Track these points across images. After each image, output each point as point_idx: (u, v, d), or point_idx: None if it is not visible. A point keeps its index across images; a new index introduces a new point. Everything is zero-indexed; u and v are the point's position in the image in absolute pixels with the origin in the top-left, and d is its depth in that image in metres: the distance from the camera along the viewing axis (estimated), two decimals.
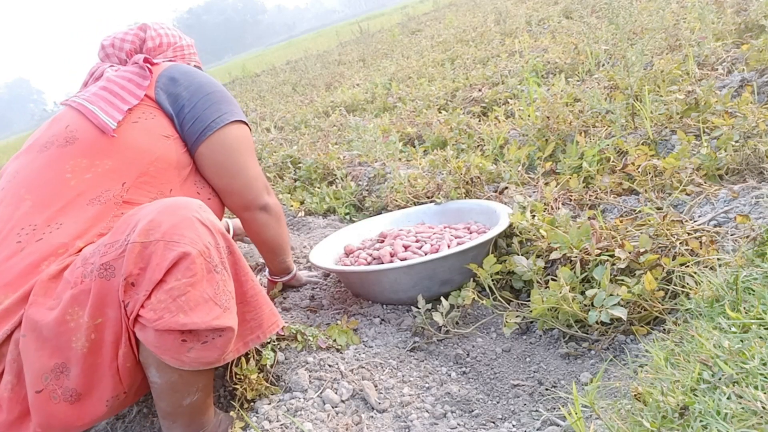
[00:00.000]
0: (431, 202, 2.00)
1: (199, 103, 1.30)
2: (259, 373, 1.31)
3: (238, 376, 1.30)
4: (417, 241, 1.69)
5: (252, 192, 1.39)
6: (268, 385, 1.31)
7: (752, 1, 2.77)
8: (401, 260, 1.57)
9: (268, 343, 1.37)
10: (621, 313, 1.15)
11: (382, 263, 1.58)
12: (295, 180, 2.92)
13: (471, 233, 1.71)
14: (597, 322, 1.20)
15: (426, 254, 1.57)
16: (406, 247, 1.64)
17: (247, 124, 1.39)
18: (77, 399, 1.02)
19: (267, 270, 1.71)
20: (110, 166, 1.18)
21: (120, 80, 1.29)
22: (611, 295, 1.19)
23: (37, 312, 1.00)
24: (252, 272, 1.13)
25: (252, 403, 1.29)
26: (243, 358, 1.30)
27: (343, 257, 1.76)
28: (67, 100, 1.30)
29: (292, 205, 2.60)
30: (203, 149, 1.30)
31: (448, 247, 1.58)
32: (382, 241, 1.76)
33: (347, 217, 2.44)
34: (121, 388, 1.06)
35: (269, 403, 1.26)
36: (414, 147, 2.70)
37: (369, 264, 1.64)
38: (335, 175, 2.70)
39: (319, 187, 2.70)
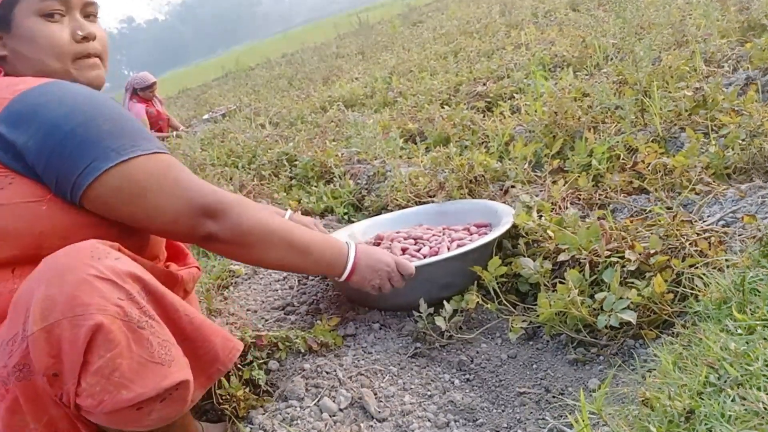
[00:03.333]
0: (431, 202, 2.02)
1: (54, 156, 0.97)
2: (245, 387, 1.33)
3: (223, 397, 1.31)
4: (415, 244, 1.69)
5: (180, 231, 1.08)
6: (258, 397, 1.33)
7: (754, 0, 2.81)
8: None
9: (253, 360, 1.37)
10: (631, 317, 1.17)
11: None
12: (291, 178, 2.94)
13: (471, 235, 1.70)
14: (606, 327, 1.21)
15: (425, 257, 1.57)
16: (404, 250, 1.64)
17: (139, 155, 1.02)
18: None
19: None
20: None
21: None
22: (621, 298, 1.20)
23: None
24: (183, 303, 0.99)
25: (247, 413, 1.31)
26: (224, 379, 1.30)
27: None
28: None
29: (289, 205, 2.61)
30: (88, 207, 1.01)
31: (448, 249, 1.59)
32: (378, 244, 1.76)
33: (346, 217, 2.46)
34: None
35: (264, 413, 1.27)
36: (415, 144, 2.71)
37: None
38: (333, 173, 2.71)
39: (316, 186, 2.72)
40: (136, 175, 1.01)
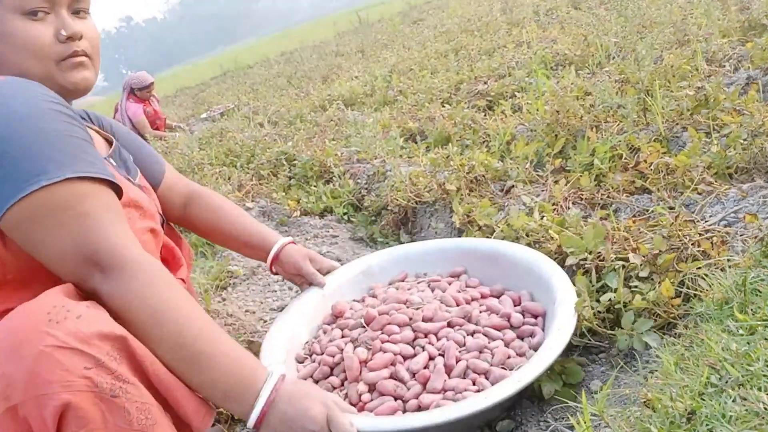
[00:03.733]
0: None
1: None
2: None
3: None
4: (414, 340, 1.25)
5: (68, 277, 0.89)
6: None
7: (754, 0, 2.82)
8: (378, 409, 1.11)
9: None
10: (655, 341, 1.15)
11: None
12: (290, 178, 2.94)
13: (511, 328, 1.26)
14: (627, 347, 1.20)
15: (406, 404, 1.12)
16: (391, 369, 1.19)
17: (48, 181, 0.86)
18: None
19: None
20: None
21: None
22: (640, 316, 1.19)
23: None
24: (155, 361, 0.88)
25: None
26: None
27: (330, 320, 1.44)
28: None
29: (288, 205, 2.62)
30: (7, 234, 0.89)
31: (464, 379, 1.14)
32: (374, 296, 1.48)
33: (345, 216, 2.46)
34: None
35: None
36: (416, 143, 2.72)
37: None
38: (332, 172, 2.72)
39: (315, 186, 2.72)
40: (36, 210, 0.86)
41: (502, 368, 1.16)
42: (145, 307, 0.89)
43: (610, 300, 1.24)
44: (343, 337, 1.33)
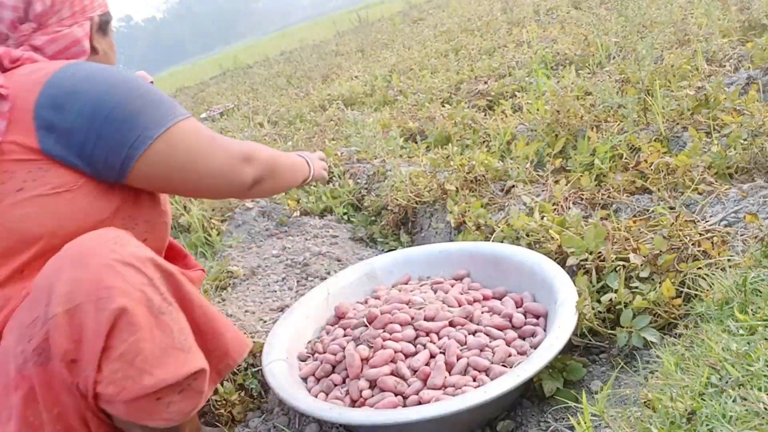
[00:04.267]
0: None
1: (104, 129, 0.99)
2: (240, 392, 1.33)
3: (219, 402, 1.31)
4: (416, 338, 1.26)
5: (229, 185, 1.17)
6: (253, 400, 1.33)
7: (754, 0, 2.82)
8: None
9: (247, 367, 1.38)
10: (654, 337, 1.16)
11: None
12: None
13: (513, 328, 1.28)
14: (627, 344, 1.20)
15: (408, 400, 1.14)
16: (393, 361, 1.23)
17: (180, 120, 1.08)
18: None
19: None
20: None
21: None
22: (639, 313, 1.19)
23: None
24: (199, 295, 1.02)
25: (245, 416, 1.31)
26: (219, 384, 1.31)
27: (333, 321, 1.47)
28: None
29: (287, 205, 2.62)
30: (133, 182, 1.05)
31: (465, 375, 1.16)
32: (377, 297, 1.50)
33: (345, 216, 2.46)
34: None
35: (261, 416, 1.28)
36: (416, 143, 2.72)
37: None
38: (332, 172, 2.72)
39: (315, 186, 2.72)
40: (182, 141, 1.07)
41: (503, 366, 1.17)
42: (272, 159, 1.27)
43: (610, 300, 1.25)
44: (345, 336, 1.35)
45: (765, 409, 0.66)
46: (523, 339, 1.25)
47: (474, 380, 1.15)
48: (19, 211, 0.95)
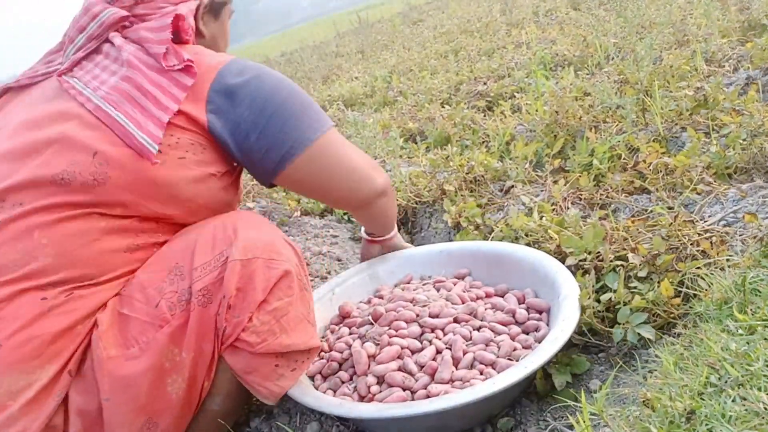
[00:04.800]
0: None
1: (269, 125, 1.04)
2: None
3: None
4: (421, 335, 1.26)
5: (362, 191, 1.23)
6: (257, 402, 1.33)
7: (754, 0, 2.82)
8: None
9: None
10: (649, 333, 1.15)
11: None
12: None
13: (516, 324, 1.27)
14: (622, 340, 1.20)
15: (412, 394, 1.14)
16: (399, 356, 1.23)
17: (329, 127, 1.14)
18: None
19: (363, 228, 1.55)
20: (136, 209, 0.98)
21: (147, 75, 0.99)
22: (635, 310, 1.19)
23: (119, 366, 0.90)
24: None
25: (247, 417, 1.31)
26: None
27: (337, 321, 1.46)
28: (64, 76, 1.02)
29: (288, 205, 2.62)
30: (280, 180, 1.13)
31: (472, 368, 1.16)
32: (381, 297, 1.50)
33: (345, 216, 2.46)
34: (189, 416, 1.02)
35: (262, 417, 1.28)
36: (415, 143, 2.72)
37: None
38: None
39: None
40: (328, 148, 1.13)
41: (509, 360, 1.17)
42: (390, 183, 1.30)
43: (609, 300, 1.25)
44: (350, 334, 1.35)
45: (765, 409, 0.65)
46: (527, 334, 1.26)
47: (481, 374, 1.15)
48: (175, 174, 0.99)
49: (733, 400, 0.72)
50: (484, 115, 2.84)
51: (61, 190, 0.93)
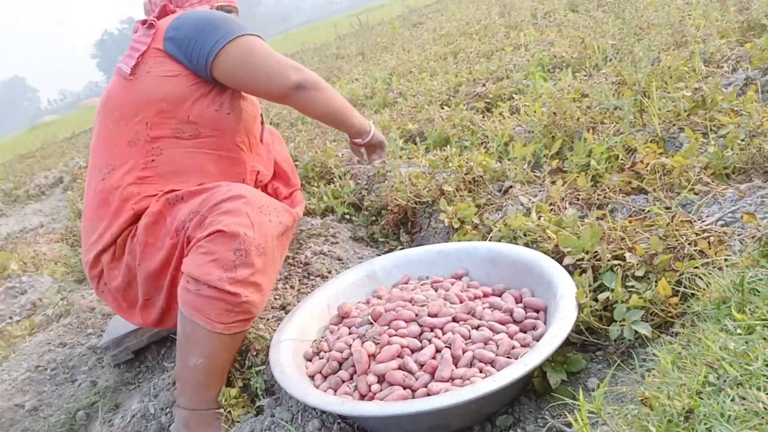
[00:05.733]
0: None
1: (200, 36, 1.51)
2: (242, 391, 1.33)
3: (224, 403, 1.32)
4: (421, 334, 1.27)
5: (278, 83, 1.55)
6: (248, 403, 1.33)
7: (753, 0, 2.80)
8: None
9: (251, 365, 1.38)
10: (645, 329, 1.14)
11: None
12: None
13: (514, 323, 1.29)
14: (618, 338, 1.20)
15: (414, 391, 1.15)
16: (399, 356, 1.23)
17: (248, 35, 1.55)
18: (163, 311, 1.48)
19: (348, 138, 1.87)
20: (134, 111, 1.52)
21: (135, 39, 1.60)
22: (630, 308, 1.18)
23: (148, 249, 1.44)
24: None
25: (247, 411, 1.31)
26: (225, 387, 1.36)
27: (336, 321, 1.47)
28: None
29: None
30: (215, 72, 1.52)
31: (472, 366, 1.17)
32: (379, 297, 1.51)
33: (347, 216, 2.46)
34: None
35: (255, 416, 1.28)
36: (415, 144, 2.71)
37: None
38: (333, 173, 2.71)
39: (317, 186, 2.72)
40: (244, 46, 1.53)
41: (508, 358, 1.17)
42: (322, 81, 1.61)
43: (607, 298, 1.24)
44: (350, 334, 1.35)
45: (765, 408, 0.65)
46: (525, 332, 1.26)
47: (480, 372, 1.15)
48: (148, 82, 1.52)
49: (732, 400, 0.71)
50: (483, 117, 2.83)
51: (98, 116, 1.62)
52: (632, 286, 1.25)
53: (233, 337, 1.33)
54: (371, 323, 1.33)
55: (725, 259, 1.12)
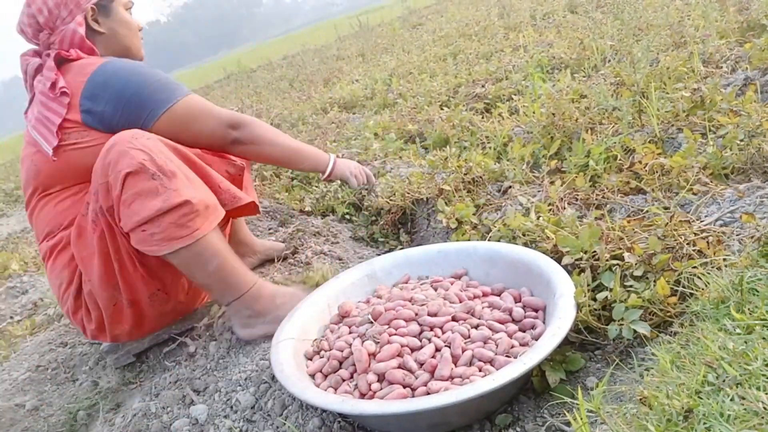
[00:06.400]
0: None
1: (123, 112, 1.48)
2: None
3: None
4: (420, 333, 1.27)
5: (214, 143, 1.61)
6: None
7: (753, 0, 2.78)
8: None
9: None
10: (644, 329, 1.14)
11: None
12: (293, 179, 2.93)
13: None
14: (617, 338, 1.19)
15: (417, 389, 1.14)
16: (399, 354, 1.23)
17: (177, 100, 1.53)
18: (135, 305, 1.52)
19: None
20: (72, 182, 1.52)
21: (45, 104, 1.51)
22: (628, 307, 1.18)
23: (86, 260, 1.47)
24: (198, 160, 1.50)
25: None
26: None
27: (336, 320, 1.47)
28: (26, 119, 1.61)
29: (291, 206, 2.61)
30: (155, 131, 1.51)
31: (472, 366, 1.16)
32: (379, 297, 1.50)
33: (347, 216, 2.45)
34: (155, 285, 1.53)
35: (265, 414, 1.26)
36: (415, 144, 2.71)
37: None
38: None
39: (317, 186, 2.71)
40: (181, 113, 1.53)
41: (507, 357, 1.17)
42: (265, 135, 1.67)
43: (606, 298, 1.23)
44: (350, 333, 1.35)
45: (764, 408, 0.64)
46: (524, 331, 1.26)
47: (480, 371, 1.15)
48: (75, 155, 1.48)
49: (731, 399, 0.71)
50: (482, 117, 2.83)
51: (28, 188, 1.58)
52: (631, 286, 1.24)
53: (214, 229, 1.44)
54: (371, 322, 1.33)
55: (724, 259, 1.12)
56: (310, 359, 1.35)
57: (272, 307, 1.52)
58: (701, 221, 1.34)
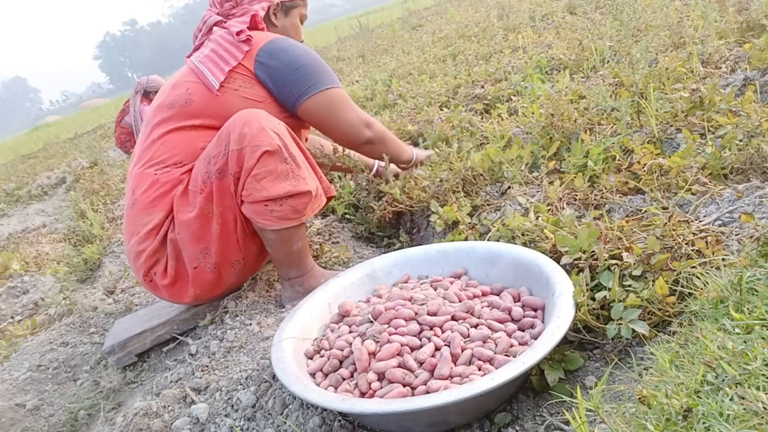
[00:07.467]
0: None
1: (293, 75, 1.70)
2: None
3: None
4: (420, 332, 1.27)
5: (351, 137, 1.84)
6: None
7: (753, 1, 2.77)
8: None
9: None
10: (643, 328, 1.14)
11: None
12: None
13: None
14: (615, 337, 1.19)
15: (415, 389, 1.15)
16: (399, 353, 1.23)
17: (335, 87, 1.77)
18: (217, 269, 1.66)
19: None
20: (218, 123, 1.65)
21: (223, 45, 1.72)
22: (627, 307, 1.18)
23: (183, 216, 1.61)
24: (308, 153, 1.72)
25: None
26: None
27: (337, 320, 1.47)
28: (189, 57, 1.81)
29: None
30: (299, 112, 1.75)
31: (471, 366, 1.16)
32: (379, 296, 1.50)
33: (346, 216, 2.45)
34: (241, 254, 1.68)
35: (266, 413, 1.26)
36: (416, 145, 2.71)
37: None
38: (334, 174, 2.70)
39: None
40: (335, 98, 1.77)
41: (506, 356, 1.17)
42: (387, 134, 1.96)
43: (604, 297, 1.23)
44: (350, 332, 1.35)
45: (764, 408, 0.64)
46: (523, 331, 1.26)
47: (479, 369, 1.15)
48: (235, 101, 1.69)
49: (730, 399, 0.70)
50: (482, 118, 2.83)
51: (170, 110, 1.71)
52: (629, 286, 1.24)
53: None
54: (371, 322, 1.33)
55: (723, 259, 1.12)
56: (311, 358, 1.35)
57: (318, 286, 1.65)
58: (700, 221, 1.34)
